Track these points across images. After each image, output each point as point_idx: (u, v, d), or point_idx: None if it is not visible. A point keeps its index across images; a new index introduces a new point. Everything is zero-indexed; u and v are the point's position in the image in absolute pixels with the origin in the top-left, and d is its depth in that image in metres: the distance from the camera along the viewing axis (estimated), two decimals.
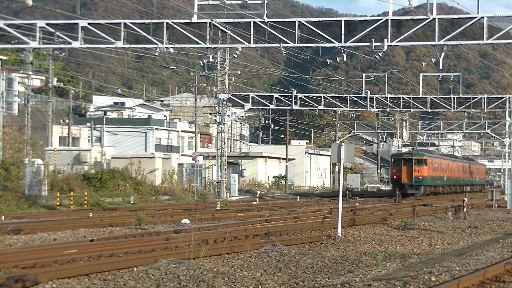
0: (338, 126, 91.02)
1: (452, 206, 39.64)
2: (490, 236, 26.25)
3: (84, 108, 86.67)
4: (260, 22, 34.60)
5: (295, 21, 34.81)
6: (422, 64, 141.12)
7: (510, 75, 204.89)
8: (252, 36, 34.59)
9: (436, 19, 33.24)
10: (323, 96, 63.65)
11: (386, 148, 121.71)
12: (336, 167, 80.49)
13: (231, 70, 63.05)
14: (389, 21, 33.68)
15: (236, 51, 39.24)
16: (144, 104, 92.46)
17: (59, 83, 65.91)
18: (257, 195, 57.57)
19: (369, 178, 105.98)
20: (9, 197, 38.04)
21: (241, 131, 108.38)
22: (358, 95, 64.25)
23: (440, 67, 35.51)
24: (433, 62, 40.26)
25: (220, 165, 58.15)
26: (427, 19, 33.36)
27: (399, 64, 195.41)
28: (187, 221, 29.66)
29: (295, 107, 61.18)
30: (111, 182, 47.20)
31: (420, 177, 58.90)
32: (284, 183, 77.15)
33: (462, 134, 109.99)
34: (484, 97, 62.27)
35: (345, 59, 39.32)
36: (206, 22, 35.14)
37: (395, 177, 60.04)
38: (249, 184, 73.15)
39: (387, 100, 62.57)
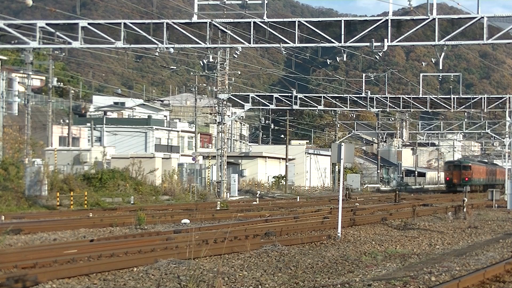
0: (338, 126, 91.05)
1: (452, 206, 39.64)
2: (490, 236, 26.25)
3: (84, 108, 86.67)
4: (260, 22, 34.59)
5: (295, 21, 34.78)
6: (422, 64, 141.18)
7: (510, 75, 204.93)
8: (252, 36, 34.58)
9: (436, 19, 33.22)
10: (323, 96, 63.64)
11: (386, 148, 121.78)
12: (336, 167, 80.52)
13: (231, 70, 63.05)
14: (389, 21, 33.66)
15: (236, 51, 39.24)
16: (144, 104, 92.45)
17: (59, 83, 65.87)
18: (257, 195, 57.59)
19: (369, 178, 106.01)
20: (9, 197, 38.05)
21: (241, 131, 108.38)
22: (358, 95, 64.26)
23: (440, 67, 35.49)
24: (433, 62, 40.26)
25: (220, 165, 58.15)
26: (427, 19, 33.35)
27: (399, 64, 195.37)
28: (187, 221, 29.66)
29: (295, 107, 61.18)
30: (111, 182, 47.18)
31: (466, 179, 76.74)
32: (284, 183, 77.15)
33: (462, 134, 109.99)
34: (484, 97, 62.28)
35: (345, 59, 39.30)
36: (206, 22, 35.12)
37: (448, 178, 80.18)
38: (249, 184, 73.14)
39: (387, 100, 62.58)
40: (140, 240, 21.37)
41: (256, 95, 62.76)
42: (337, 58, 41.20)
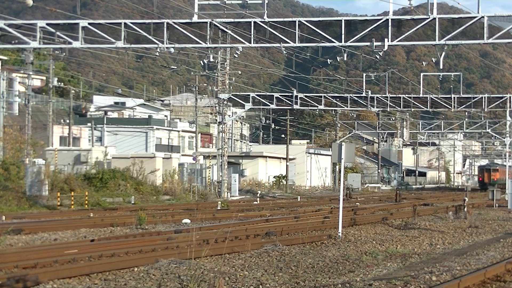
0: (339, 125, 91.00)
1: (453, 205, 39.64)
2: (491, 235, 26.25)
3: (85, 108, 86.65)
4: (261, 22, 34.57)
5: (295, 21, 34.75)
6: (423, 64, 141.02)
7: (510, 74, 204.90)
8: (252, 36, 34.56)
9: (437, 19, 33.19)
10: (324, 96, 63.59)
11: (386, 147, 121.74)
12: (337, 166, 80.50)
13: (232, 70, 63.02)
14: (390, 20, 33.62)
15: (237, 51, 39.22)
16: (144, 104, 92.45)
17: (59, 83, 65.86)
18: (258, 195, 57.56)
19: (369, 178, 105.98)
20: (10, 197, 38.05)
21: (241, 131, 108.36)
22: (359, 95, 64.21)
23: (441, 67, 35.45)
24: (434, 61, 40.26)
25: (221, 165, 58.15)
26: (427, 18, 33.32)
27: (400, 64, 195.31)
28: (188, 221, 29.67)
29: (295, 106, 61.13)
30: (112, 182, 47.19)
31: (495, 179, 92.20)
32: (285, 183, 77.15)
33: (463, 133, 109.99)
34: (485, 97, 62.25)
35: (345, 58, 39.29)
36: (207, 22, 35.10)
37: (480, 179, 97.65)
38: (249, 184, 73.11)
39: (387, 100, 62.53)
40: (141, 240, 21.37)
41: (257, 95, 62.74)
42: (338, 57, 41.20)
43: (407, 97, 63.20)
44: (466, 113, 79.39)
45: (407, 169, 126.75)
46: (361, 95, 63.51)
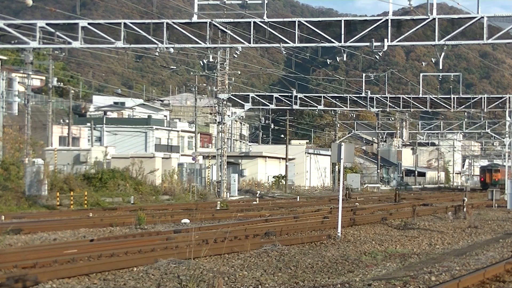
0: (338, 126, 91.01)
1: (452, 206, 39.65)
2: (490, 235, 26.26)
3: (84, 108, 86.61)
4: (260, 22, 34.58)
5: (295, 21, 34.75)
6: (422, 64, 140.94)
7: (510, 75, 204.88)
8: (252, 36, 34.56)
9: (436, 19, 33.20)
10: (323, 96, 63.63)
11: (386, 148, 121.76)
12: (336, 167, 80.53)
13: (231, 70, 63.04)
14: (389, 21, 33.63)
15: (236, 51, 39.25)
16: (144, 104, 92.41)
17: (59, 83, 65.83)
18: (257, 195, 57.57)
19: (369, 178, 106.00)
20: (9, 197, 38.05)
21: (241, 131, 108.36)
22: (358, 95, 64.24)
23: (440, 67, 35.45)
24: (433, 62, 40.26)
25: (220, 165, 58.16)
26: (427, 19, 33.33)
27: (399, 64, 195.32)
28: (187, 221, 29.67)
29: (295, 107, 61.16)
30: (111, 182, 47.17)
31: (496, 179, 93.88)
32: (284, 183, 77.16)
33: (462, 134, 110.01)
34: (484, 97, 62.29)
35: (345, 59, 39.30)
36: (206, 22, 35.11)
37: (482, 179, 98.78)
38: (249, 184, 73.12)
39: (387, 100, 62.56)
40: (140, 240, 21.37)
41: (256, 95, 62.77)
42: (337, 58, 41.22)
43: (407, 97, 63.23)
44: (466, 113, 79.45)
45: (406, 169, 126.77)
46: (361, 95, 63.53)
